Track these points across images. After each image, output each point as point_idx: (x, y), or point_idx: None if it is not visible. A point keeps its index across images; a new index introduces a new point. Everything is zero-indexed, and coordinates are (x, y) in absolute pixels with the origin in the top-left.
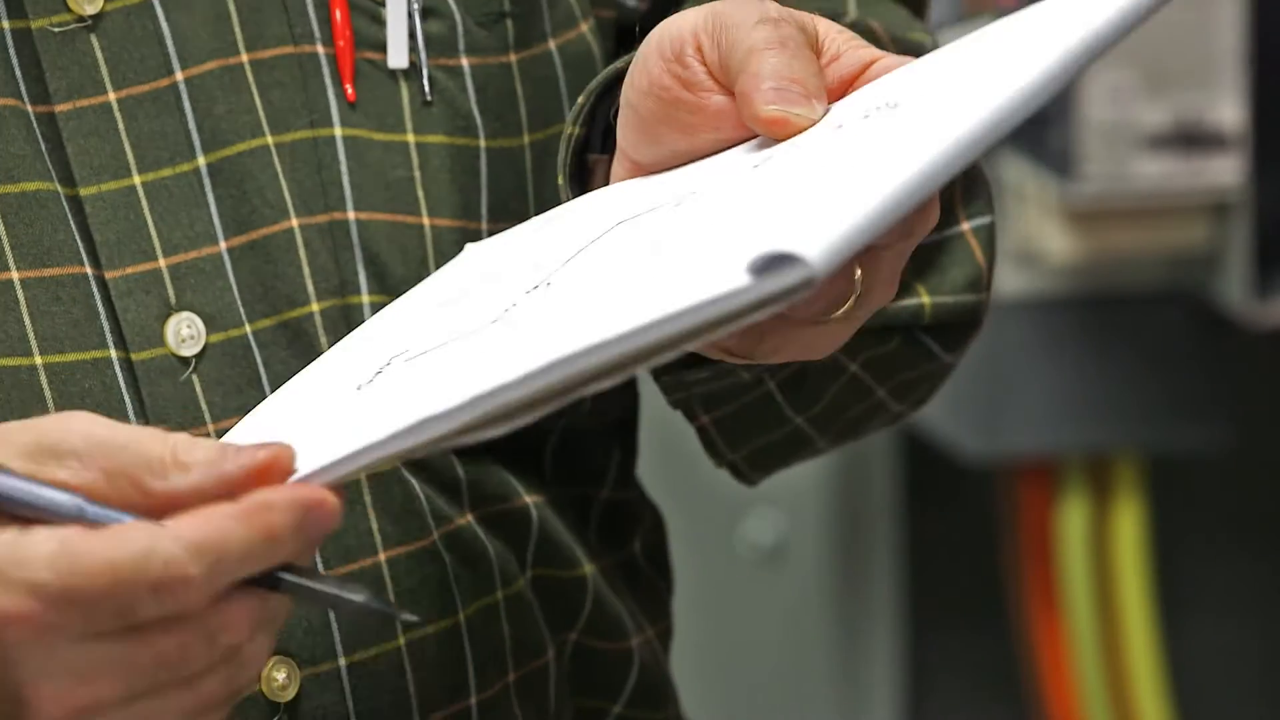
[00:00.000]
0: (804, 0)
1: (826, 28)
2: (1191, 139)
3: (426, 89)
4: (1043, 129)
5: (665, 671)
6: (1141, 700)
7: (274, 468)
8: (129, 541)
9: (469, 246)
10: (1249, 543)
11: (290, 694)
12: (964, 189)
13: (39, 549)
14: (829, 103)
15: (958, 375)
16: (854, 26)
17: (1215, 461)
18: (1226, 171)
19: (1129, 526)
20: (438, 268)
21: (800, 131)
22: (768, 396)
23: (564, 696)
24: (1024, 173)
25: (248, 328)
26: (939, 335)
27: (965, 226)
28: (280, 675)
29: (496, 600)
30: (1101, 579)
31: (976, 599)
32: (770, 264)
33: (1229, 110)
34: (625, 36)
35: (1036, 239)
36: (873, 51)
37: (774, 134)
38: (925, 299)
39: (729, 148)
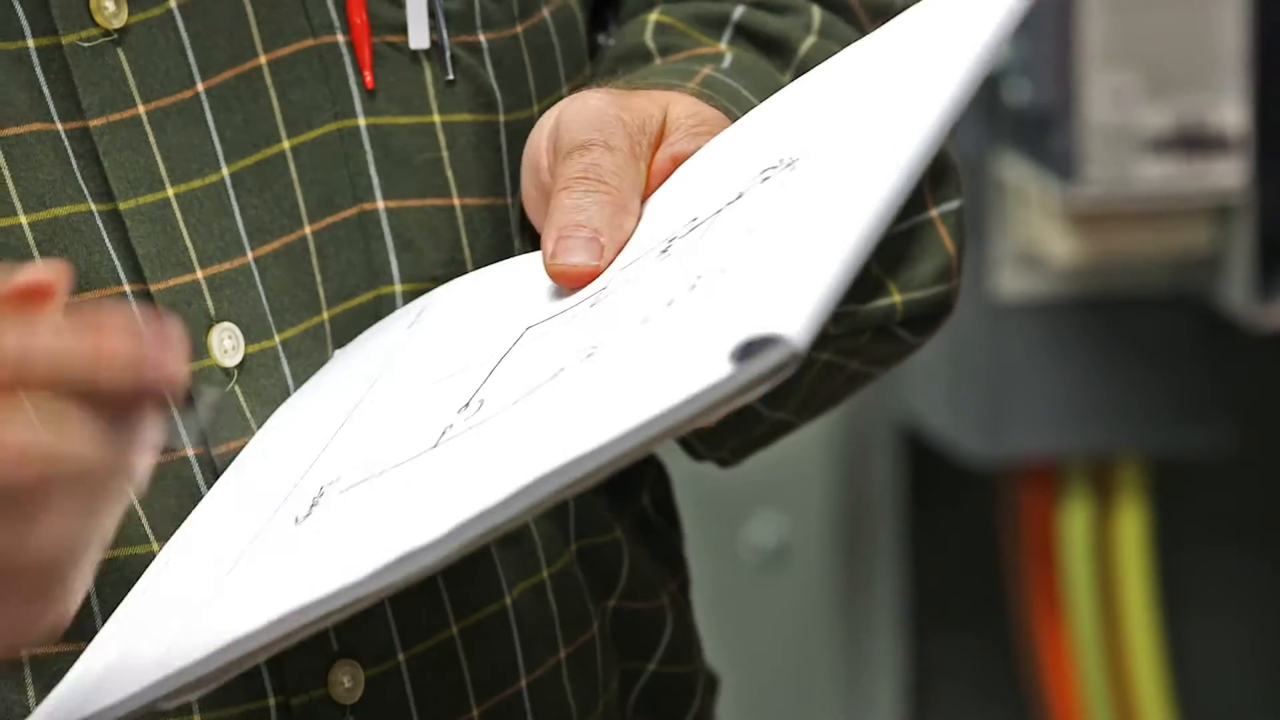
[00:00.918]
0: None
1: (678, 114)
2: (1194, 142)
3: (449, 68)
4: (1045, 132)
5: (691, 624)
6: (1144, 702)
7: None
8: None
9: (337, 353)
10: (1252, 545)
11: (357, 695)
12: (932, 175)
13: None
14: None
15: (960, 377)
16: None
17: (1218, 464)
18: (1229, 174)
19: (1131, 529)
20: (471, 248)
21: (586, 279)
22: (746, 407)
23: (610, 664)
24: (1026, 175)
25: (277, 337)
26: (910, 325)
27: (934, 213)
28: (345, 679)
29: (543, 578)
30: (1104, 581)
31: (979, 601)
32: (752, 348)
33: (1231, 113)
34: None
35: (1039, 242)
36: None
37: (564, 285)
38: (896, 297)
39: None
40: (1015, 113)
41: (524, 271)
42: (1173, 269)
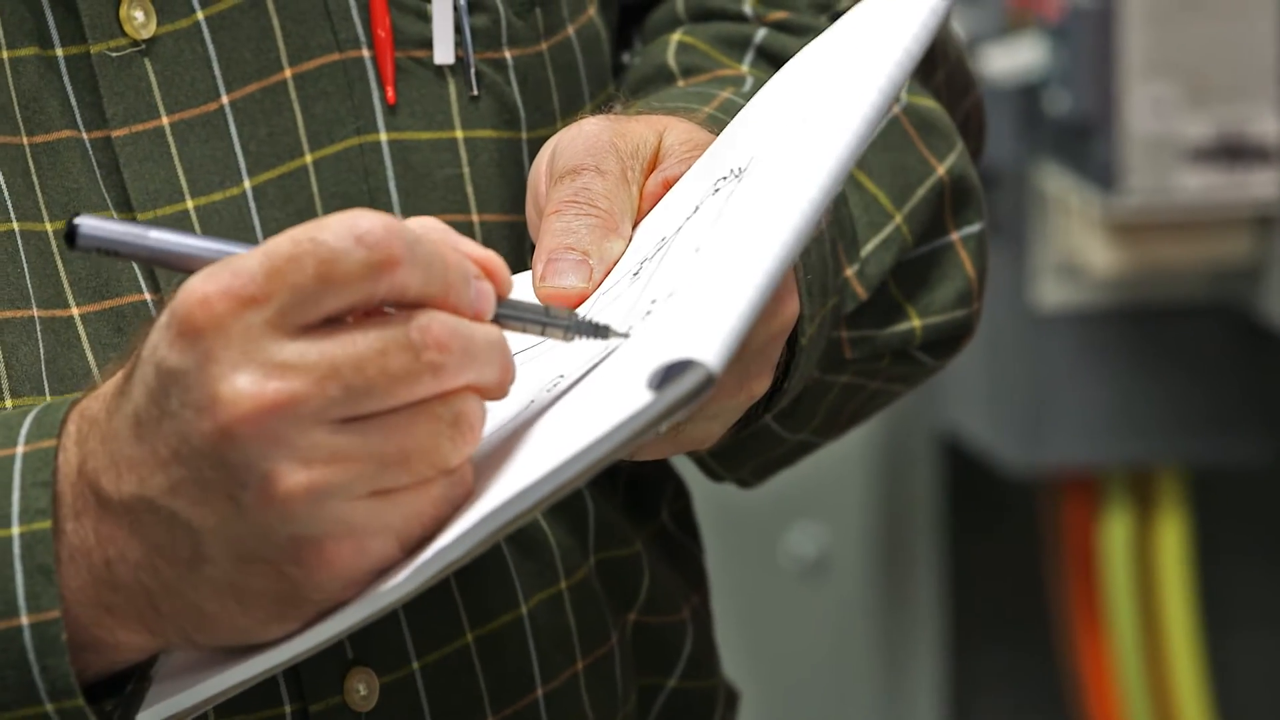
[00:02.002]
0: None
1: (673, 140)
2: (1234, 152)
3: (474, 84)
4: (1085, 142)
5: (711, 638)
6: (1185, 714)
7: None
8: (330, 224)
9: None
10: None
11: (373, 703)
12: (953, 198)
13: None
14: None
15: (1000, 387)
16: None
17: (1258, 474)
18: (1269, 184)
19: (1172, 540)
20: None
21: (574, 301)
22: (763, 428)
23: (629, 678)
24: (1067, 186)
25: None
26: (930, 349)
27: (954, 236)
28: (361, 687)
29: (560, 589)
30: (1144, 592)
31: (1019, 612)
32: (668, 374)
33: (1272, 123)
34: (631, 10)
35: (1079, 252)
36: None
37: (554, 305)
38: (915, 322)
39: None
40: (1055, 123)
41: (517, 292)
42: (1212, 279)
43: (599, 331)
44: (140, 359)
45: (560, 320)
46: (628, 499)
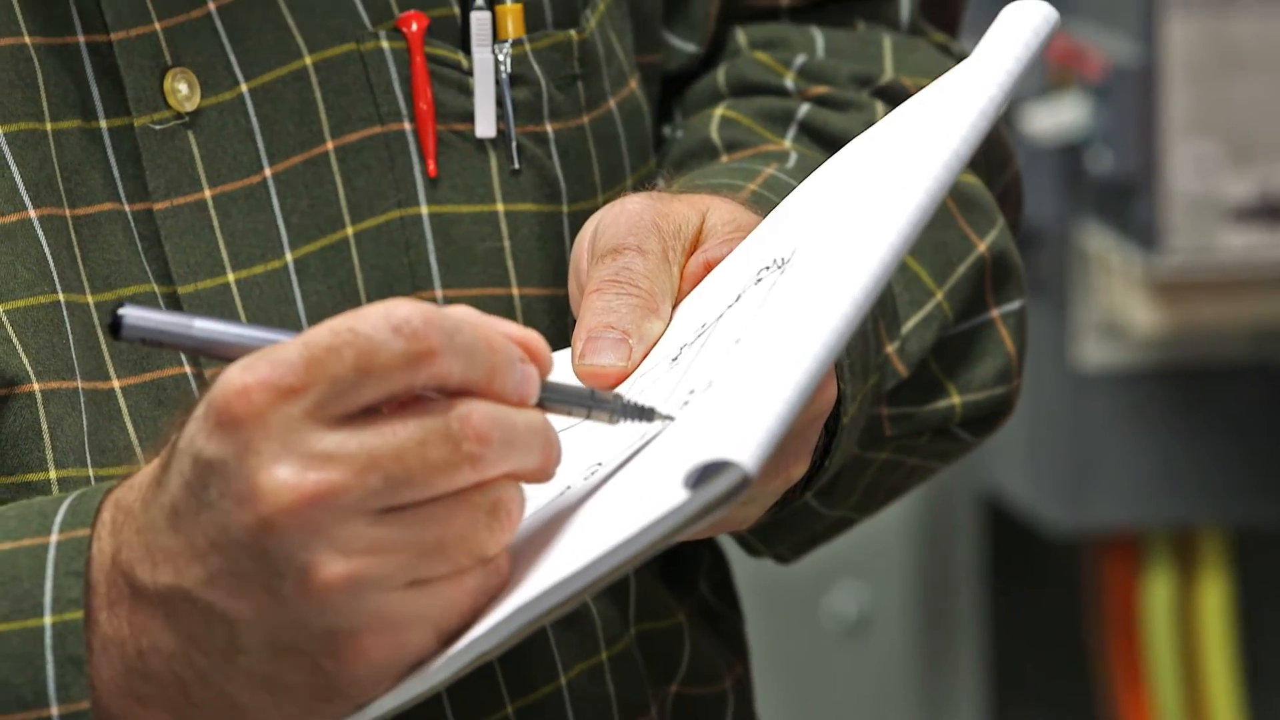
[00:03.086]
0: (843, 61)
1: (715, 221)
2: (1276, 211)
3: (515, 157)
4: (1128, 201)
5: (752, 708)
6: None
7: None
8: (368, 315)
9: None
10: None
11: None
12: (994, 274)
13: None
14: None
15: (1042, 447)
16: (888, 90)
17: None
18: None
19: (1214, 601)
20: None
21: (613, 380)
22: (801, 505)
23: None
24: (1109, 245)
25: None
26: (969, 426)
27: (995, 313)
28: None
29: (601, 660)
30: (1187, 653)
31: (1061, 673)
32: (704, 474)
33: None
34: (672, 83)
35: (1121, 311)
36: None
37: (592, 385)
38: (956, 399)
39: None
40: (1097, 182)
41: (555, 372)
42: (1255, 339)
43: (644, 414)
44: (177, 449)
45: (605, 404)
46: (666, 571)
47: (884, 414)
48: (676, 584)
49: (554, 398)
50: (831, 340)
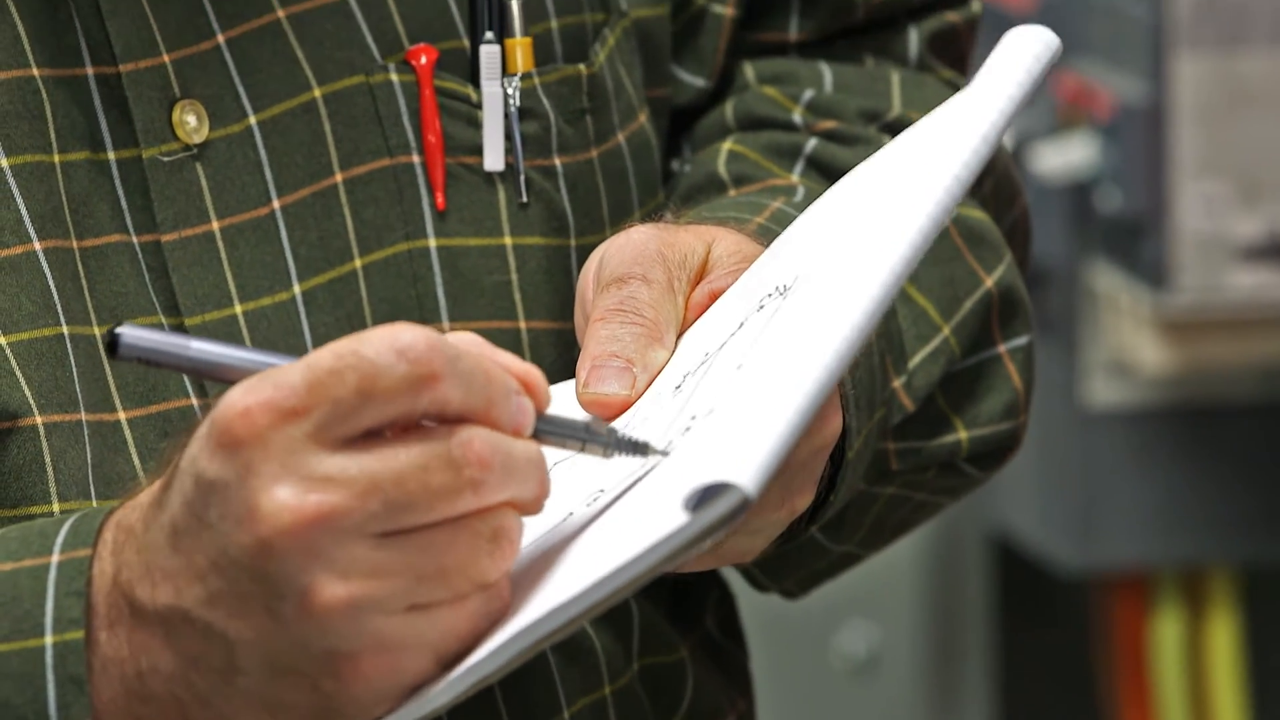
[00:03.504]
0: (851, 96)
1: (721, 251)
2: None
3: (523, 190)
4: (1136, 240)
5: None
6: None
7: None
8: (371, 339)
9: None
10: None
11: None
12: (1001, 309)
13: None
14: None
15: (1051, 486)
16: (896, 125)
17: None
18: None
19: (1224, 640)
20: None
21: (617, 409)
22: (807, 539)
23: None
24: (1117, 284)
25: None
26: (976, 461)
27: (1002, 349)
28: None
29: (604, 694)
30: (1195, 692)
31: (1070, 712)
32: (704, 496)
33: None
34: (681, 117)
35: (1130, 350)
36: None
37: (596, 414)
38: (962, 434)
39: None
40: (1106, 221)
41: (559, 401)
42: (1264, 378)
43: (638, 449)
44: (178, 470)
45: (600, 437)
46: (672, 605)
47: (890, 449)
48: (681, 619)
49: (549, 430)
50: (832, 364)
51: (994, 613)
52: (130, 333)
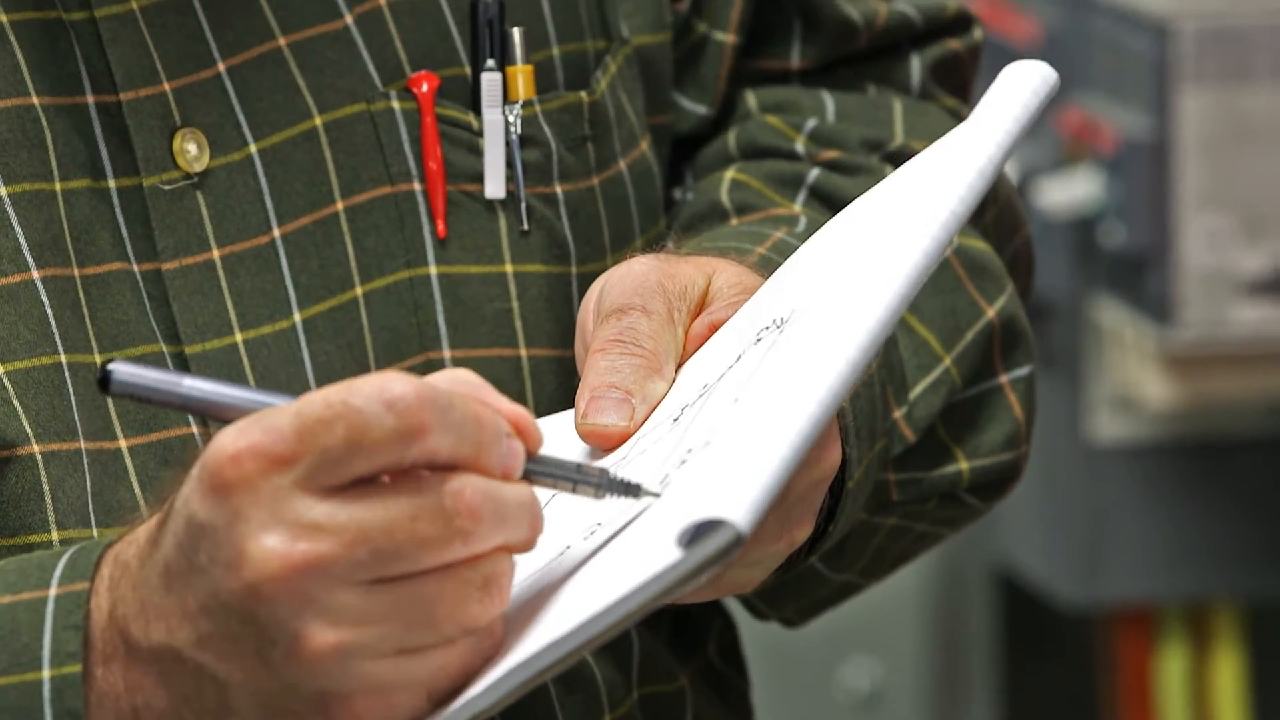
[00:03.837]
0: (853, 125)
1: (722, 283)
2: None
3: (524, 218)
4: (1141, 275)
5: None
6: None
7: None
8: (361, 389)
9: None
10: None
11: None
12: (1003, 340)
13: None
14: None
15: (1055, 521)
16: (898, 154)
17: None
18: None
19: (1228, 674)
20: (536, 399)
21: (615, 440)
22: (807, 568)
23: None
24: (1122, 319)
25: None
26: (977, 491)
27: (1003, 379)
28: None
29: None
30: None
31: None
32: (698, 532)
33: None
34: (682, 145)
35: (1135, 385)
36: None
37: (594, 445)
38: (963, 464)
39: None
40: (1110, 256)
41: (558, 431)
42: (1269, 413)
43: (630, 490)
44: (173, 509)
45: (591, 479)
46: (673, 634)
47: (891, 479)
48: (682, 647)
49: (540, 471)
50: (826, 400)
51: (998, 648)
52: (122, 369)
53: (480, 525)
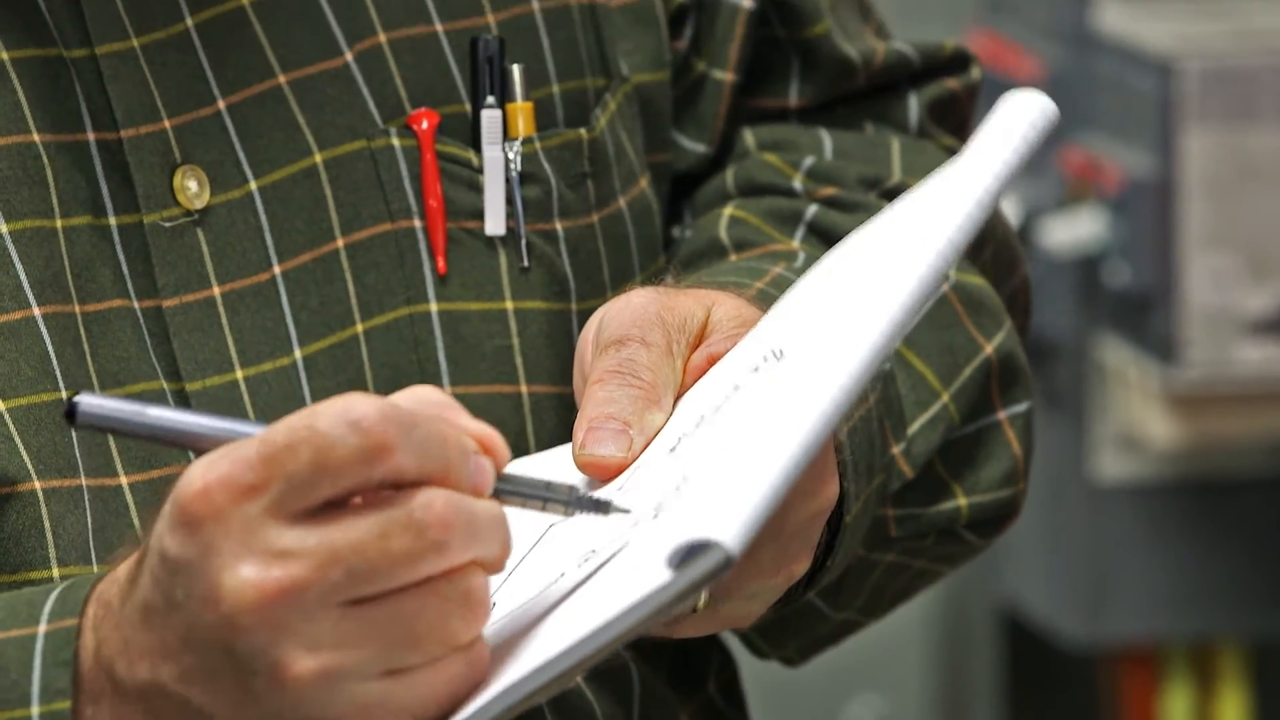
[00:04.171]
0: (851, 163)
1: (721, 316)
2: None
3: (524, 255)
4: (1145, 314)
5: None
6: None
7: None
8: (326, 412)
9: None
10: None
11: None
12: (1001, 376)
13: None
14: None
15: (1059, 560)
16: (896, 191)
17: None
18: None
19: (1233, 714)
20: (536, 435)
21: (613, 470)
22: (807, 605)
23: None
24: (1126, 358)
25: None
26: (975, 528)
27: (1002, 415)
28: None
29: None
30: None
31: None
32: (688, 554)
33: None
34: (681, 183)
35: (1139, 425)
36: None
37: (592, 475)
38: (962, 500)
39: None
40: (1115, 295)
41: (556, 463)
42: (1273, 453)
43: (599, 507)
44: (149, 546)
45: (559, 496)
46: (673, 670)
47: (889, 515)
48: (682, 683)
49: (509, 489)
50: (818, 427)
51: (1002, 687)
52: (88, 400)
53: (453, 537)
